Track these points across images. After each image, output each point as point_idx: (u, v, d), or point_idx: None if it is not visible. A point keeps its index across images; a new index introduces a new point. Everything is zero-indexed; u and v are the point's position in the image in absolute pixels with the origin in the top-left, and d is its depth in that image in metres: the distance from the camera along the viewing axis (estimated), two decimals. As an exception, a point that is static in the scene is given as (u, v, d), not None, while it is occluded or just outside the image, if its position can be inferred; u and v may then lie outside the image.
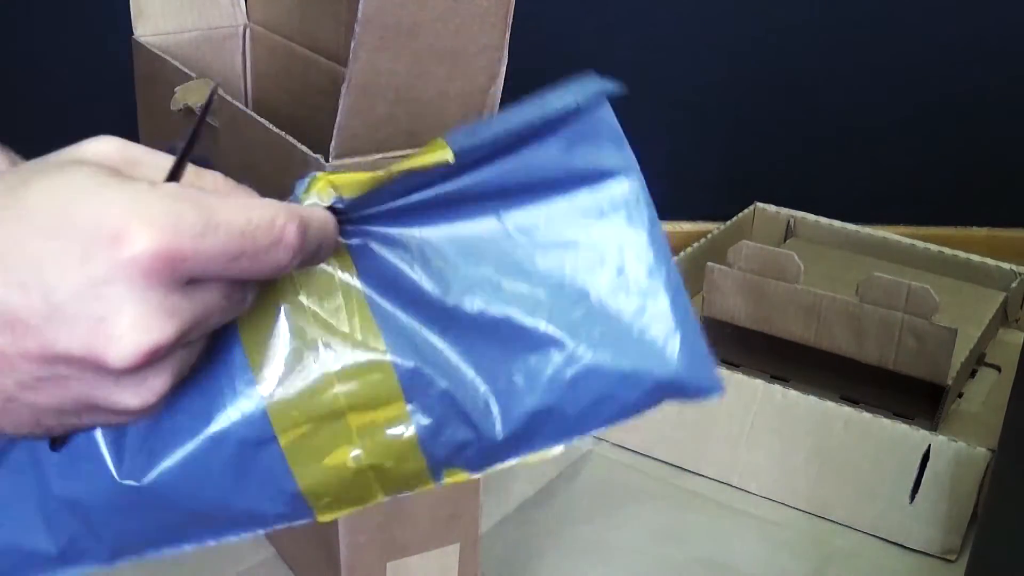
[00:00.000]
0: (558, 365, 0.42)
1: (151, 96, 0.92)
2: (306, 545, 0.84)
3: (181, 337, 0.34)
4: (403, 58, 0.64)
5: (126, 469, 0.41)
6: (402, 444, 0.41)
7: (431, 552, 0.81)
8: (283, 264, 0.36)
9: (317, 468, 0.41)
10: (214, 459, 0.41)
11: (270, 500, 0.42)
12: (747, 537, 0.96)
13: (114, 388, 0.34)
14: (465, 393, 0.41)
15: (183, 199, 0.34)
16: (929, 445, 0.96)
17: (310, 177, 0.40)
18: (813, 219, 1.37)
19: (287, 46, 0.89)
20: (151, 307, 0.33)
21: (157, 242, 0.33)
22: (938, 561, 0.94)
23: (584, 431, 0.43)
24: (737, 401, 1.03)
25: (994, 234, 1.49)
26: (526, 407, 0.42)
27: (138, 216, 0.33)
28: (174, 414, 0.40)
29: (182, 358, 0.36)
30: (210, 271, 0.34)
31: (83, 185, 0.33)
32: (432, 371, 0.41)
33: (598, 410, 0.43)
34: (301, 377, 0.41)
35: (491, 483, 0.95)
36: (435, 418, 0.41)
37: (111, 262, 0.32)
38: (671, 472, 1.04)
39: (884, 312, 1.04)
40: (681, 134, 1.44)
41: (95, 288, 0.33)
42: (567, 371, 0.42)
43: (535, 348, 0.41)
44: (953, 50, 1.40)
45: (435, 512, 0.80)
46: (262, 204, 0.36)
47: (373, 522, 0.78)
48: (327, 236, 0.39)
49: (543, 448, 0.44)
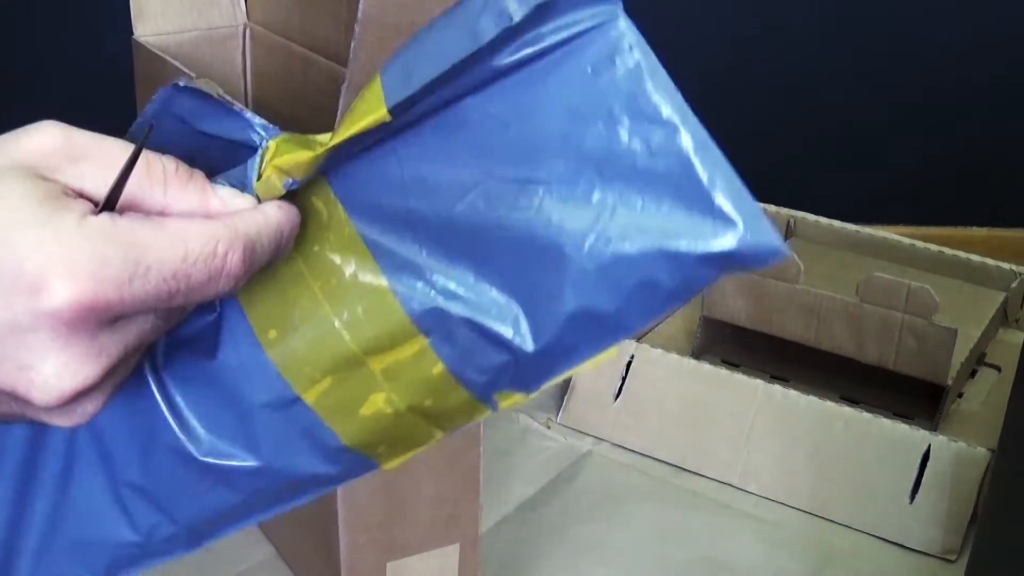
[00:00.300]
0: (582, 259, 0.36)
1: (151, 96, 0.92)
2: (306, 545, 0.84)
3: (110, 371, 0.34)
4: (403, 58, 0.64)
5: (205, 448, 0.40)
6: (434, 379, 0.39)
7: (431, 552, 0.81)
8: (225, 292, 0.35)
9: (355, 420, 0.40)
10: (255, 431, 0.40)
11: (323, 460, 0.41)
12: (747, 537, 0.96)
13: (44, 415, 0.34)
14: (487, 313, 0.37)
15: (111, 241, 0.32)
16: (929, 445, 0.96)
17: (257, 162, 0.38)
18: (813, 219, 1.36)
19: (287, 46, 0.89)
20: (75, 353, 0.33)
21: (79, 294, 0.32)
22: (938, 561, 0.94)
23: (631, 326, 0.37)
24: (737, 401, 1.03)
25: (994, 234, 1.49)
26: (557, 314, 0.37)
27: (60, 266, 0.32)
28: (209, 398, 0.40)
29: (116, 376, 0.35)
30: (141, 310, 0.34)
31: (6, 221, 0.32)
32: (444, 299, 0.38)
33: (640, 300, 0.36)
34: (304, 331, 0.39)
35: (491, 483, 0.95)
36: (459, 346, 0.38)
37: (32, 313, 0.32)
38: (671, 472, 1.04)
39: (884, 312, 1.04)
40: (681, 134, 1.44)
41: (18, 335, 0.32)
42: (592, 263, 0.36)
43: (552, 245, 0.36)
44: (953, 50, 1.40)
45: (435, 512, 0.80)
46: (203, 231, 0.34)
47: (373, 522, 0.78)
48: (283, 241, 0.37)
49: (591, 354, 0.37)
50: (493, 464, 1.00)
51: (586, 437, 1.08)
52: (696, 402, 1.04)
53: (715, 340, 1.17)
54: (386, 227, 0.38)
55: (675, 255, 0.35)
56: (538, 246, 0.36)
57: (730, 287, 1.11)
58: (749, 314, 1.12)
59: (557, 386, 1.13)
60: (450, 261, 0.38)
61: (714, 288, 1.12)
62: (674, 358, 1.06)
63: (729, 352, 1.17)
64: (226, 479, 0.41)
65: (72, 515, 0.42)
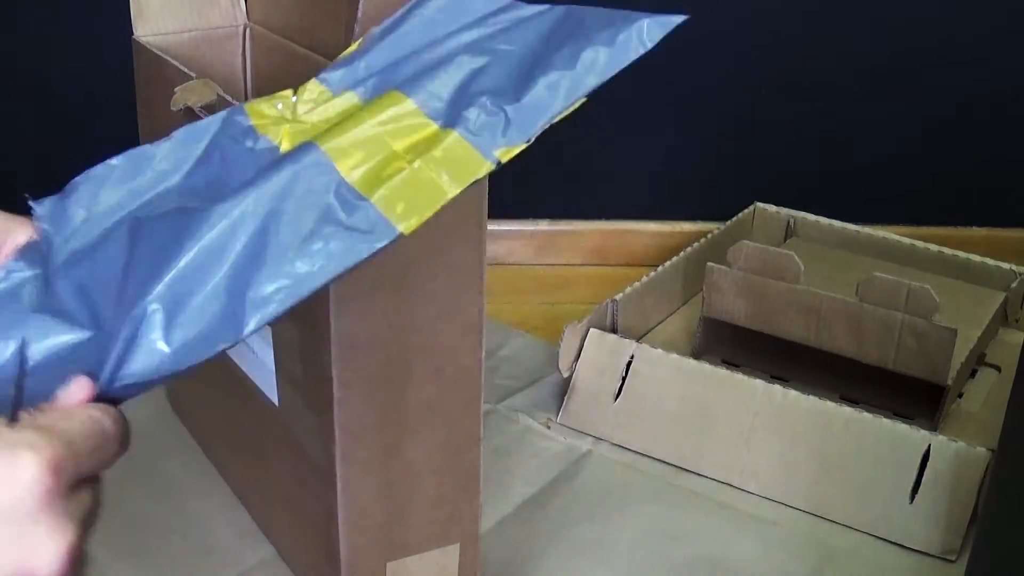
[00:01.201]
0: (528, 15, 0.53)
1: (151, 96, 0.92)
2: (306, 545, 0.84)
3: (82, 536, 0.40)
4: (403, 58, 0.64)
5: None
6: (437, 135, 0.49)
7: (431, 552, 0.81)
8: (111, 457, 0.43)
9: (377, 178, 0.48)
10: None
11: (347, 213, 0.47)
12: (747, 537, 0.96)
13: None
14: (470, 80, 0.51)
15: (40, 428, 0.39)
16: (929, 445, 0.96)
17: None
18: (813, 219, 1.37)
19: (287, 46, 0.89)
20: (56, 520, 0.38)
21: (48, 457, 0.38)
22: (938, 561, 0.94)
23: (588, 83, 0.50)
24: (737, 401, 1.03)
25: (994, 234, 1.49)
26: (524, 70, 0.51)
27: (19, 446, 0.38)
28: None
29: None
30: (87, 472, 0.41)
31: None
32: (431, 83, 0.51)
33: (578, 55, 0.50)
34: (347, 127, 0.50)
35: (491, 483, 0.95)
36: (469, 120, 0.49)
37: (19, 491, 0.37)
38: (671, 472, 1.04)
39: (884, 312, 1.04)
40: (681, 134, 1.44)
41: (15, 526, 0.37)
42: (544, 22, 0.53)
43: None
44: (953, 50, 1.40)
45: (435, 512, 0.80)
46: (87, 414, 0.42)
47: (373, 522, 0.78)
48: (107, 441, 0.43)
49: (569, 102, 0.50)
50: (493, 464, 1.00)
51: (586, 437, 1.08)
52: (696, 402, 1.04)
53: (715, 340, 1.17)
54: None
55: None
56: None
57: (730, 287, 1.11)
58: (749, 314, 1.12)
59: (557, 386, 1.13)
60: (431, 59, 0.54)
61: (714, 288, 1.12)
62: (674, 358, 1.06)
63: (729, 352, 1.17)
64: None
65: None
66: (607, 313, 1.13)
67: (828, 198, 1.43)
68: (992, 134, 1.44)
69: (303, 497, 0.82)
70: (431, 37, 0.54)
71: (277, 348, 0.79)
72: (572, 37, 0.51)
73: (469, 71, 0.52)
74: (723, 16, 1.36)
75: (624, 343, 1.08)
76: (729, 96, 1.42)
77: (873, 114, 1.44)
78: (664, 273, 1.22)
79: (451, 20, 0.55)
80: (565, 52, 0.51)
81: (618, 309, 1.13)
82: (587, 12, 0.53)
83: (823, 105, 1.43)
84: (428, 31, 0.55)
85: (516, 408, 1.11)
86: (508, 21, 0.54)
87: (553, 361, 1.11)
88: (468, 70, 0.52)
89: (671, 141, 1.45)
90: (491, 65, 0.52)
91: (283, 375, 0.80)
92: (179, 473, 0.99)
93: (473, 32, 0.54)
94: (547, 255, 1.49)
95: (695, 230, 1.44)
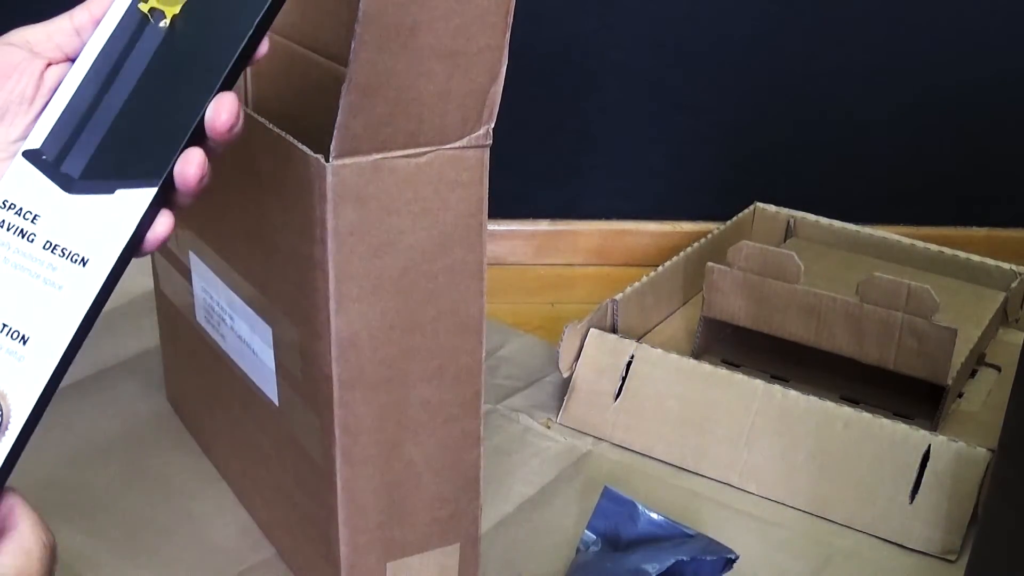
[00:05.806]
0: None
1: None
2: (306, 545, 0.84)
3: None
4: (403, 58, 0.64)
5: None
6: None
7: (431, 552, 0.81)
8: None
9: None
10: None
11: None
12: (747, 537, 0.96)
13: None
14: None
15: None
16: (929, 445, 0.96)
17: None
18: (813, 219, 1.37)
19: (287, 46, 0.89)
20: None
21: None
22: (938, 561, 0.94)
23: None
24: (737, 401, 1.03)
25: (994, 234, 1.49)
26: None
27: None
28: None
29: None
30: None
31: None
32: None
33: None
34: None
35: (491, 483, 0.95)
36: None
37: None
38: (671, 472, 1.04)
39: (884, 312, 1.04)
40: (681, 134, 1.44)
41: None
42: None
43: None
44: (953, 50, 1.40)
45: (435, 512, 0.80)
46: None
47: (373, 522, 0.78)
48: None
49: None
50: (493, 464, 1.00)
51: (586, 437, 1.08)
52: (696, 402, 1.04)
53: (715, 340, 1.17)
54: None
55: None
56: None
57: (730, 287, 1.11)
58: (749, 314, 1.12)
59: (557, 386, 1.13)
60: None
61: (714, 288, 1.12)
62: (674, 358, 1.06)
63: (729, 352, 1.17)
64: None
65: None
66: (607, 313, 1.13)
67: (828, 198, 1.43)
68: (992, 134, 1.44)
69: (303, 497, 0.82)
70: None
71: (277, 348, 0.79)
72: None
73: None
74: (723, 16, 1.37)
75: (624, 343, 1.08)
76: (729, 96, 1.42)
77: (873, 114, 1.44)
78: (664, 273, 1.22)
79: None
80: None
81: (618, 309, 1.13)
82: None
83: (823, 105, 1.43)
84: None
85: (516, 408, 1.11)
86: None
87: (553, 361, 1.11)
88: None
89: (671, 141, 1.45)
90: None
91: (283, 375, 0.80)
92: (179, 473, 0.99)
93: None
94: (547, 255, 1.49)
95: (695, 230, 1.44)
